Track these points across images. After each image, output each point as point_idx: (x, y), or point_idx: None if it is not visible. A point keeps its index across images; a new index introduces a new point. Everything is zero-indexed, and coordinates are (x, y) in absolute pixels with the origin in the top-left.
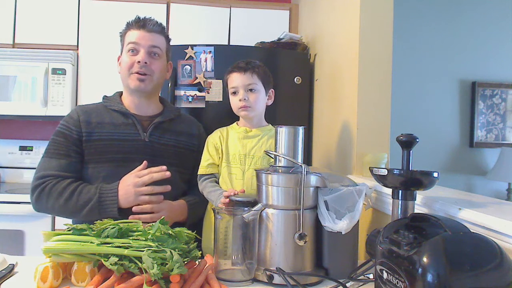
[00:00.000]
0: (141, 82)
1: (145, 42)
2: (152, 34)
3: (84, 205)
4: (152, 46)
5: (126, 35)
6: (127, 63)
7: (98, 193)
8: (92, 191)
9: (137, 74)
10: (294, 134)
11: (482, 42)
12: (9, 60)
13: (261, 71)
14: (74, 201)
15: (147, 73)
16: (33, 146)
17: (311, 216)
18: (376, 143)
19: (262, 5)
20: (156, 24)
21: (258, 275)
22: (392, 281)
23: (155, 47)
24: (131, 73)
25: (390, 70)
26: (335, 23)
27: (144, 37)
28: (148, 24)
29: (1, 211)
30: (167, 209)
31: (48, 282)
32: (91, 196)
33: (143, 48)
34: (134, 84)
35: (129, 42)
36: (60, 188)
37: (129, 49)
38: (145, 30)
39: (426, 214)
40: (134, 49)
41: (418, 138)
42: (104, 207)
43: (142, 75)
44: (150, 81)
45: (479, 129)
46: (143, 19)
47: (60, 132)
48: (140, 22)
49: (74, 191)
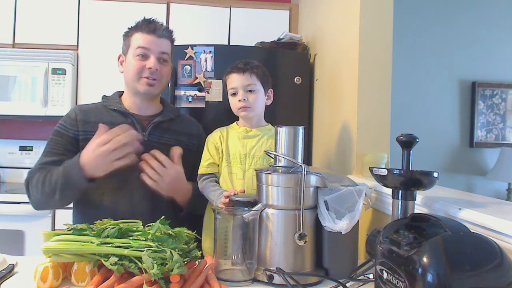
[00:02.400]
0: (151, 87)
1: (156, 48)
2: (162, 40)
3: (55, 184)
4: (162, 52)
5: (133, 36)
6: (136, 67)
7: (63, 167)
8: (59, 168)
9: (147, 79)
10: (294, 134)
11: (482, 42)
12: (9, 60)
13: (259, 71)
14: (47, 184)
15: (157, 78)
16: (33, 146)
17: (311, 216)
18: (376, 143)
19: (262, 5)
20: (166, 29)
21: (258, 275)
22: (392, 281)
23: (164, 53)
24: (140, 77)
25: (390, 70)
26: (335, 23)
27: (154, 43)
28: (158, 29)
29: (1, 211)
30: (174, 173)
31: (48, 282)
32: (58, 172)
33: (153, 54)
34: (144, 88)
35: (139, 46)
36: (39, 177)
37: (138, 53)
38: (156, 35)
39: (426, 214)
40: (144, 54)
41: (418, 138)
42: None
43: (152, 80)
44: (159, 86)
45: (479, 129)
46: (153, 23)
47: (57, 131)
48: (150, 26)
49: (46, 175)
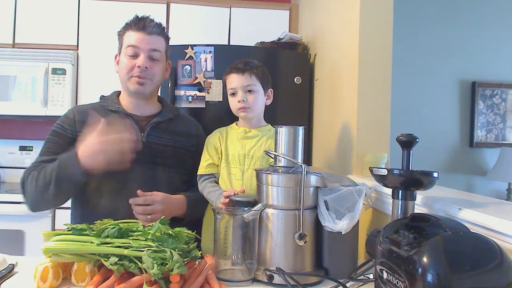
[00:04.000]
0: (140, 86)
1: (145, 45)
2: (152, 37)
3: (50, 177)
4: (152, 49)
5: (124, 35)
6: (127, 66)
7: (58, 160)
8: (55, 162)
9: (137, 78)
10: (294, 134)
11: (482, 42)
12: (9, 60)
13: (259, 72)
14: (41, 178)
15: (147, 77)
16: (33, 146)
17: (311, 216)
18: (376, 143)
19: (262, 5)
20: (156, 25)
21: (258, 275)
22: (392, 281)
23: (155, 51)
24: (130, 77)
25: (390, 70)
26: (335, 23)
27: (144, 40)
28: (148, 26)
29: (1, 211)
30: (162, 202)
31: (48, 282)
32: (53, 165)
33: (143, 52)
34: (134, 87)
35: (128, 45)
36: (35, 174)
37: (128, 52)
38: (145, 33)
39: (426, 214)
40: (134, 52)
41: (418, 138)
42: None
43: (142, 78)
44: (150, 85)
45: (479, 129)
46: (142, 20)
47: (54, 131)
48: (139, 24)
49: (41, 170)
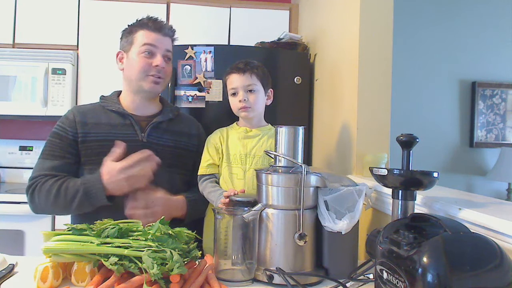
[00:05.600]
0: (156, 85)
1: (162, 46)
2: (167, 39)
3: (72, 199)
4: (167, 50)
5: (138, 33)
6: (141, 65)
7: (83, 184)
8: (77, 183)
9: (153, 77)
10: (294, 134)
11: (482, 42)
12: (9, 60)
13: (260, 71)
14: (62, 196)
15: (162, 77)
16: (33, 146)
17: (311, 216)
18: (376, 143)
19: (262, 5)
20: (170, 28)
21: (258, 275)
22: (392, 281)
23: (169, 52)
24: (146, 75)
25: (390, 70)
26: (335, 23)
27: (161, 41)
28: (164, 28)
29: (1, 211)
30: (162, 204)
31: (48, 282)
32: (77, 188)
33: (160, 52)
34: (149, 86)
35: (145, 43)
36: (48, 186)
37: (144, 50)
38: (161, 34)
39: (426, 214)
40: (150, 51)
41: (418, 138)
42: (92, 197)
43: (158, 78)
44: (163, 84)
45: (479, 129)
46: (158, 21)
47: (56, 133)
48: (156, 24)
49: (60, 186)
